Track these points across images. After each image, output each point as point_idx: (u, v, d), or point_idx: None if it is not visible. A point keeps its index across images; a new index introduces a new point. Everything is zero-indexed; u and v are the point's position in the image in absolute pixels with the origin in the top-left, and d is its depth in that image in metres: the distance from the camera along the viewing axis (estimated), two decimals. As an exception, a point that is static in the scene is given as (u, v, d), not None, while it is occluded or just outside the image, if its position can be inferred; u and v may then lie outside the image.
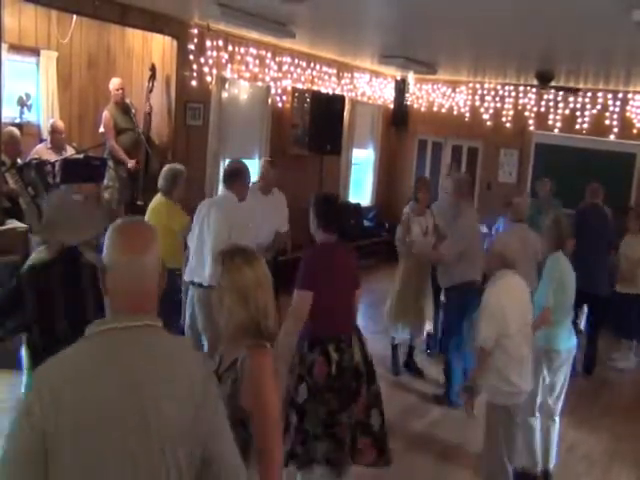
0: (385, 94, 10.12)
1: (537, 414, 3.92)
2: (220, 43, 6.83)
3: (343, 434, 3.18)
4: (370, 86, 9.67)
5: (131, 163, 6.34)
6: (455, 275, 5.02)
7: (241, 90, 7.40)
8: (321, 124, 7.96)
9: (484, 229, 8.57)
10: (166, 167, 5.08)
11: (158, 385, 1.42)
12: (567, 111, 8.85)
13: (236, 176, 4.41)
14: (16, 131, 5.64)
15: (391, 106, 10.26)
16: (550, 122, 9.01)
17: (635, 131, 8.40)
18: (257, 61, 7.39)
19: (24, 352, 2.84)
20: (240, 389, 1.93)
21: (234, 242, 4.02)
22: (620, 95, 8.45)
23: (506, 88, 9.37)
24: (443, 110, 9.94)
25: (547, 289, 3.89)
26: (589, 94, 8.61)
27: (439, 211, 5.61)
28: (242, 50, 7.17)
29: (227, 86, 7.09)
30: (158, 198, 5.03)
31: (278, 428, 1.99)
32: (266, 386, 1.93)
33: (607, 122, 8.55)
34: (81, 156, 5.91)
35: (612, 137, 8.52)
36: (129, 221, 1.63)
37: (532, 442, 3.94)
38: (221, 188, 6.83)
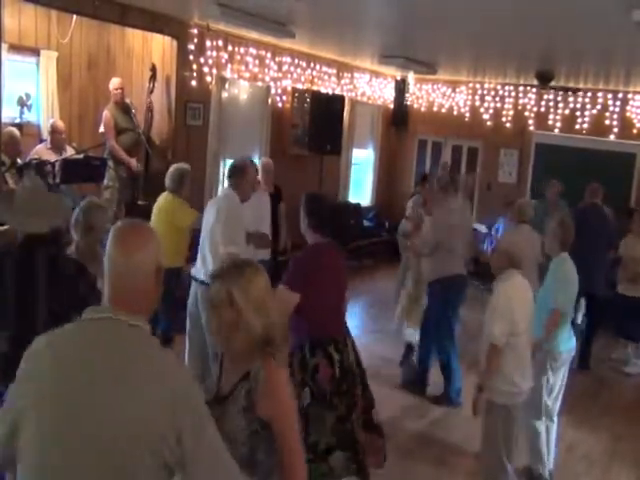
0: (385, 94, 10.12)
1: (543, 417, 3.92)
2: (220, 43, 6.84)
3: (358, 437, 3.14)
4: (370, 86, 9.67)
5: (133, 162, 6.34)
6: (437, 269, 4.99)
7: (241, 90, 7.41)
8: (321, 124, 7.96)
9: (484, 229, 8.59)
10: (172, 167, 5.09)
11: (119, 381, 1.43)
12: (567, 111, 8.85)
13: (239, 174, 4.36)
14: (16, 131, 5.63)
15: (391, 106, 10.26)
16: (550, 122, 9.01)
17: (635, 131, 8.40)
18: (257, 61, 7.40)
19: None
20: (256, 400, 1.91)
21: (225, 243, 4.03)
22: (620, 95, 8.45)
23: (506, 88, 9.37)
24: (443, 110, 9.94)
25: (554, 290, 3.88)
26: (589, 94, 8.61)
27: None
28: (242, 50, 7.17)
29: (227, 86, 7.09)
30: (165, 196, 5.02)
31: (298, 440, 1.96)
32: (284, 394, 1.93)
33: (607, 122, 8.55)
34: (81, 156, 5.91)
35: (612, 137, 8.52)
36: (128, 222, 1.68)
37: (538, 444, 3.93)
38: (221, 188, 6.89)
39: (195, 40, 6.53)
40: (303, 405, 3.09)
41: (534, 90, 9.02)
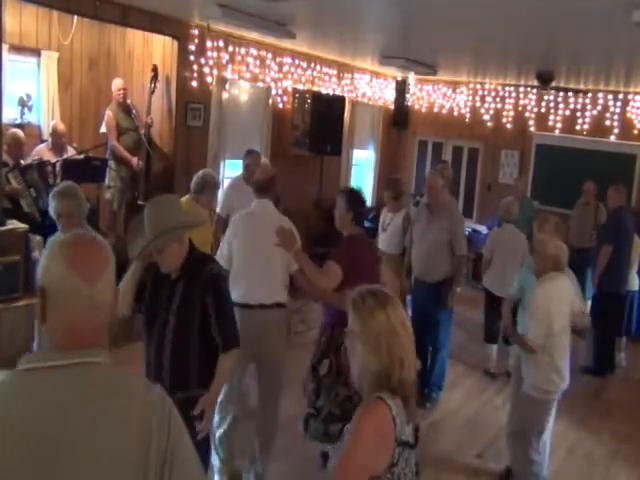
0: (385, 95, 10.12)
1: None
2: (220, 44, 6.84)
3: None
4: (370, 87, 9.67)
5: (134, 160, 6.35)
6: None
7: (241, 91, 7.41)
8: (321, 125, 7.96)
9: (484, 230, 8.58)
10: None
11: (79, 442, 1.17)
12: (567, 112, 8.84)
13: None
14: (20, 133, 5.65)
15: (391, 107, 10.26)
16: (551, 123, 9.01)
17: (636, 132, 8.39)
18: (257, 62, 7.40)
19: None
20: None
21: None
22: (621, 96, 8.45)
23: (506, 89, 9.37)
24: (444, 111, 9.94)
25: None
26: (589, 95, 8.60)
27: None
28: (242, 51, 7.17)
29: (227, 87, 7.10)
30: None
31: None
32: (352, 443, 1.69)
33: (608, 123, 8.54)
34: (82, 156, 5.92)
35: (613, 138, 8.52)
36: (80, 238, 1.34)
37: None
38: (221, 189, 6.88)
39: (196, 41, 6.53)
40: (320, 374, 3.49)
41: (534, 91, 9.02)
